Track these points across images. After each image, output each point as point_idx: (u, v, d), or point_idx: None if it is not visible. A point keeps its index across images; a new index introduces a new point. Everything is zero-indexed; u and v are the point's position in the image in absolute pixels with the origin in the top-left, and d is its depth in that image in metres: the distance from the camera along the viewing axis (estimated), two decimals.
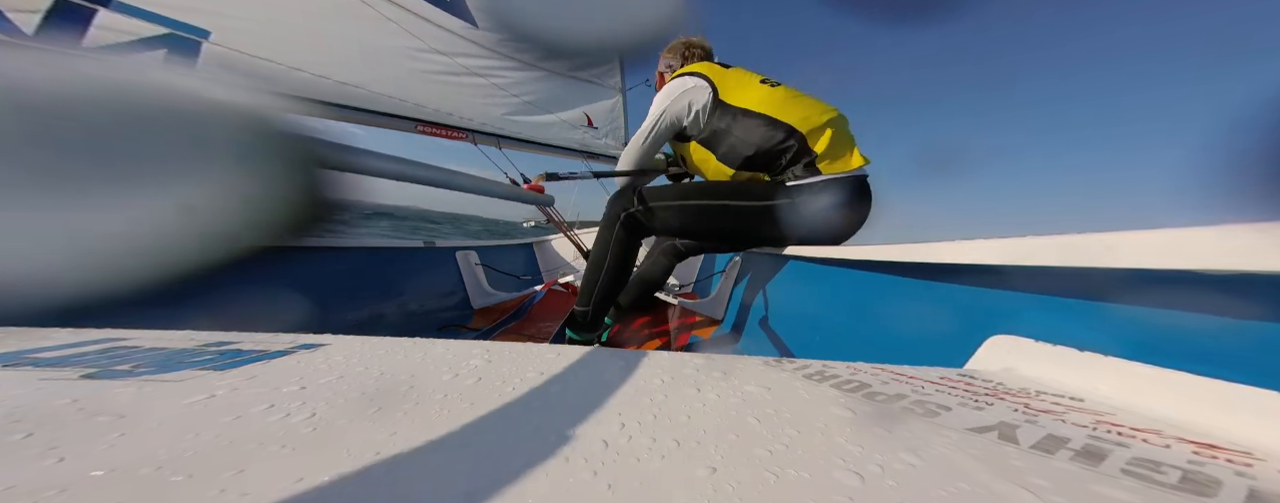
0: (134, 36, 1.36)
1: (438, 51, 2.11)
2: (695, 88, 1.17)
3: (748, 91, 1.15)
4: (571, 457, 0.18)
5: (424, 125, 2.24)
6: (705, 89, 1.16)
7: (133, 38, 1.36)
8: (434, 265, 1.77)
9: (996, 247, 0.42)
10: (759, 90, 1.15)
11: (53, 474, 0.16)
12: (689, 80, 1.18)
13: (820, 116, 1.11)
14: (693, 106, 1.17)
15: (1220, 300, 0.27)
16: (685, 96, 1.17)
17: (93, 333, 0.34)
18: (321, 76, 1.79)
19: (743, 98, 1.14)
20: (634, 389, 0.26)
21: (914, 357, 0.42)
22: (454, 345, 0.34)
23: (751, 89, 1.15)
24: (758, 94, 1.14)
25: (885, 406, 0.25)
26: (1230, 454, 0.20)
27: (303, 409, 0.22)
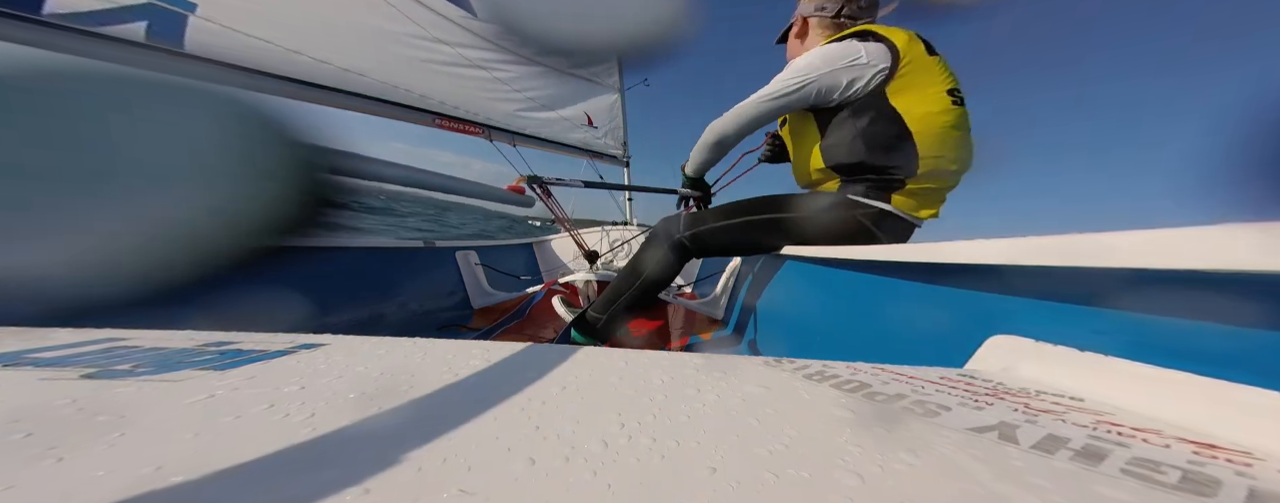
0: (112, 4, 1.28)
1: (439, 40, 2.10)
2: (868, 65, 0.91)
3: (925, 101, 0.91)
4: (571, 457, 0.18)
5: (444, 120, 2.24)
6: (881, 70, 0.91)
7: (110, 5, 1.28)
8: (434, 265, 1.77)
9: (996, 247, 0.42)
10: (938, 103, 0.91)
11: (53, 474, 0.16)
12: (864, 50, 0.92)
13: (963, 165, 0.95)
14: (854, 85, 0.92)
15: (1220, 300, 0.27)
16: (851, 70, 0.92)
17: (93, 333, 0.34)
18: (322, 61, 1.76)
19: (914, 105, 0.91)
20: (634, 389, 0.26)
21: (914, 357, 0.42)
22: (454, 345, 0.34)
23: (932, 100, 0.92)
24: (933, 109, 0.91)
25: (885, 406, 0.25)
26: (1230, 454, 0.20)
27: (303, 409, 0.22)
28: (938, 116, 0.91)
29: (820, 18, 1.11)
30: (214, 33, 1.50)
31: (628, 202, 3.59)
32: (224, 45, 1.52)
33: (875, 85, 0.92)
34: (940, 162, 0.92)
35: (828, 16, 1.10)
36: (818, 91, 0.94)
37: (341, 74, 1.81)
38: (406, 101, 2.07)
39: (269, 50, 1.62)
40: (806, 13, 1.12)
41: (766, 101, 0.98)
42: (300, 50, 1.69)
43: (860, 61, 0.92)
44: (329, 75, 1.79)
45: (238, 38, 1.55)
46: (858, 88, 0.93)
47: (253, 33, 1.58)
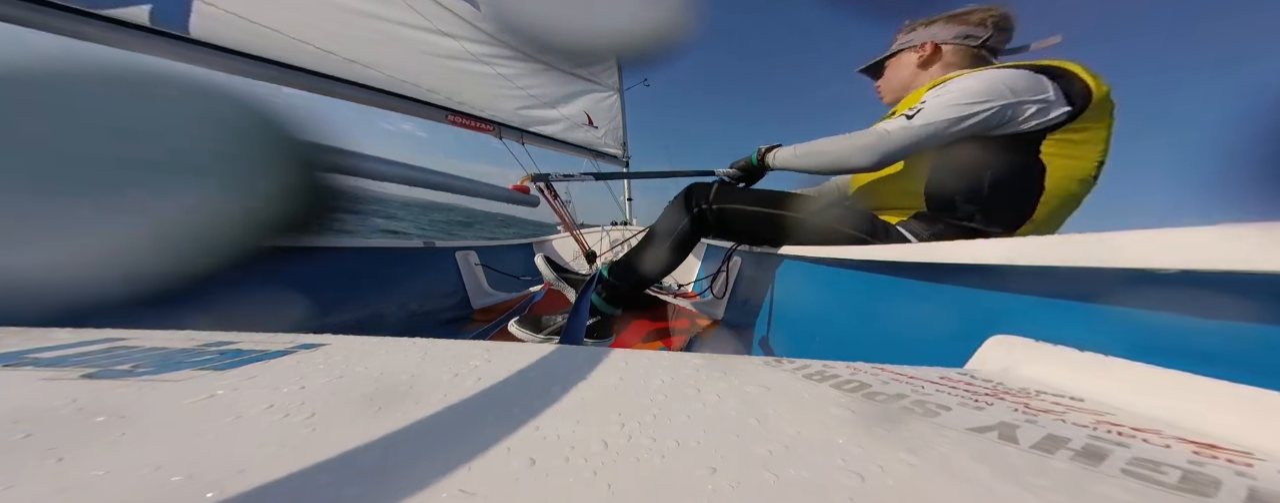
0: None
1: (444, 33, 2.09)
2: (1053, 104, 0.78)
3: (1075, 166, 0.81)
4: (571, 457, 0.18)
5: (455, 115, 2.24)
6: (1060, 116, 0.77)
7: None
8: (434, 265, 1.77)
9: (996, 247, 0.42)
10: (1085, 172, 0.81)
11: (52, 474, 0.16)
12: (1052, 88, 0.78)
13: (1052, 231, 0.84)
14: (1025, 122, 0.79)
15: (1220, 300, 0.27)
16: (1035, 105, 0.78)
17: (93, 333, 0.34)
18: (328, 51, 1.75)
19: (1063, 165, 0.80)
20: (634, 389, 0.26)
21: (914, 357, 0.42)
22: (454, 345, 0.34)
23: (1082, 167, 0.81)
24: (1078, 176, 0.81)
25: (885, 406, 0.25)
26: (1230, 454, 0.20)
27: (303, 409, 0.22)
28: (1077, 185, 0.81)
29: (961, 46, 0.99)
30: (219, 19, 1.49)
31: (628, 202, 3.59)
32: (229, 32, 1.51)
33: (1041, 129, 0.79)
34: (1039, 229, 0.83)
35: (972, 46, 0.98)
36: (996, 120, 0.80)
37: (347, 65, 1.81)
38: (416, 95, 2.06)
39: (275, 38, 1.62)
40: (943, 38, 1.00)
41: (933, 126, 0.81)
42: (306, 39, 1.69)
43: (1047, 99, 0.78)
44: (335, 66, 1.78)
45: (243, 24, 1.54)
46: (1026, 126, 0.80)
47: (258, 20, 1.57)
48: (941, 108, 0.82)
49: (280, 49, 1.63)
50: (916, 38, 1.04)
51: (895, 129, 0.84)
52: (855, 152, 0.88)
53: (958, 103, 0.81)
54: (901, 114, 0.86)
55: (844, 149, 0.90)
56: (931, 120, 0.82)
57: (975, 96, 0.80)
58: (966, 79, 0.84)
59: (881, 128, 0.86)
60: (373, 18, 1.88)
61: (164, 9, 1.38)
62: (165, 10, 1.38)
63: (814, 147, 0.97)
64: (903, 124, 0.84)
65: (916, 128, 0.83)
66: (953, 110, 0.81)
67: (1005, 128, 0.81)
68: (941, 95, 0.83)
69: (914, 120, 0.83)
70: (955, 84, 0.84)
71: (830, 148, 0.93)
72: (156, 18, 1.37)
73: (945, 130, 0.81)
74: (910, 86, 1.05)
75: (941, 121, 0.81)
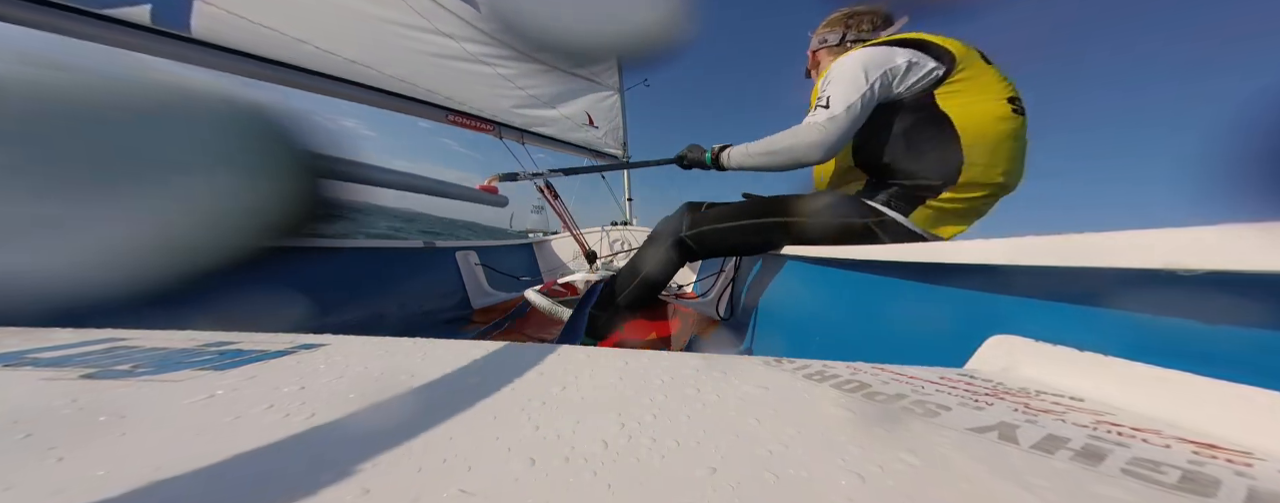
0: None
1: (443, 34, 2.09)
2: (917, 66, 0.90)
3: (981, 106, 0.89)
4: (571, 457, 0.18)
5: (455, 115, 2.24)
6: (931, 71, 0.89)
7: None
8: (434, 265, 1.77)
9: (996, 247, 0.42)
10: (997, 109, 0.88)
11: (53, 474, 0.16)
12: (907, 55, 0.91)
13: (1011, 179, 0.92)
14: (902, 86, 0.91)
15: (1220, 300, 0.27)
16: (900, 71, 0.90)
17: (93, 333, 0.34)
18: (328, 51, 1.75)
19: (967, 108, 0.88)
20: (634, 389, 0.26)
21: (914, 357, 0.42)
22: (454, 345, 0.34)
23: (989, 105, 0.89)
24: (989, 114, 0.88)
25: (885, 406, 0.25)
26: (1230, 454, 0.20)
27: (303, 409, 0.22)
28: (994, 123, 0.88)
29: (827, 48, 1.14)
30: (220, 19, 1.49)
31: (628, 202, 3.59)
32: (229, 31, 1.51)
33: (922, 87, 0.90)
34: (987, 171, 0.88)
35: (833, 45, 1.13)
36: (882, 88, 0.91)
37: (348, 65, 1.81)
38: (416, 95, 2.06)
39: (275, 38, 1.62)
40: (815, 47, 1.16)
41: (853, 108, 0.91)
42: (307, 39, 1.68)
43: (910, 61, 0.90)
44: (336, 66, 1.78)
45: (244, 24, 1.54)
46: (904, 90, 0.91)
47: (259, 20, 1.57)
48: (844, 93, 0.92)
49: (281, 49, 1.63)
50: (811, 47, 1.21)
51: (824, 120, 0.93)
52: (807, 149, 0.96)
53: (851, 82, 0.92)
54: (817, 107, 0.96)
55: (794, 147, 0.98)
56: (848, 103, 0.92)
57: (861, 71, 0.92)
58: (843, 63, 0.95)
59: (814, 122, 0.95)
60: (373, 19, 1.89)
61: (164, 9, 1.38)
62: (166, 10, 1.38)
63: (765, 146, 1.04)
64: (829, 115, 0.93)
65: (840, 114, 0.92)
66: (853, 89, 0.91)
67: (893, 92, 0.92)
68: (833, 84, 0.94)
69: (834, 108, 0.93)
70: (833, 73, 0.96)
71: (781, 146, 1.01)
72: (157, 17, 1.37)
73: (863, 107, 0.92)
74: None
75: (856, 101, 0.91)
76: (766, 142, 1.04)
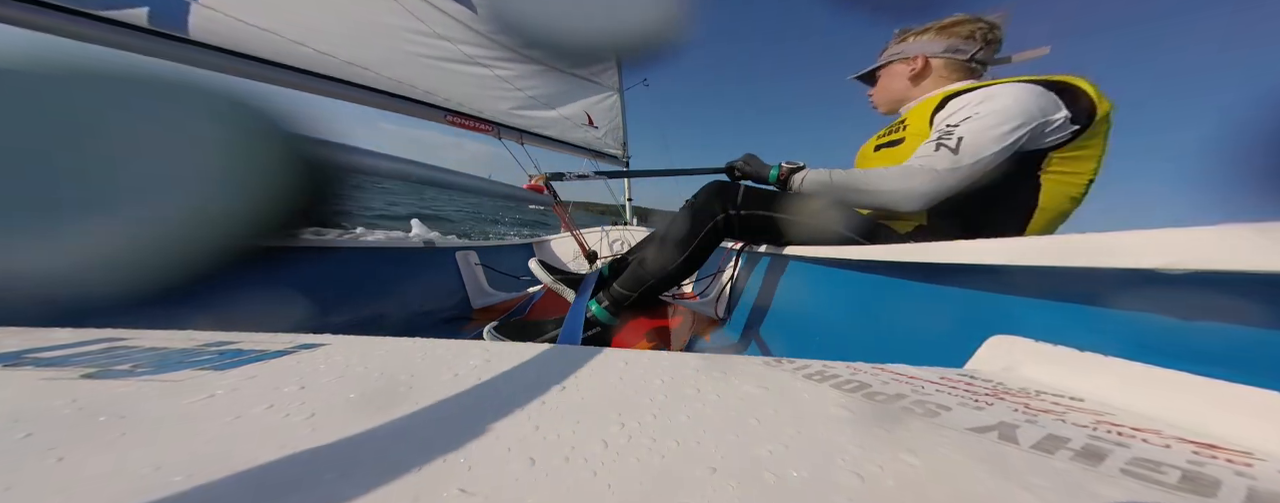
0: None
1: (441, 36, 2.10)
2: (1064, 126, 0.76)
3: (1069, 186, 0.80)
4: (571, 457, 0.18)
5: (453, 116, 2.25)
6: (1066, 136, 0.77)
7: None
8: (434, 265, 1.77)
9: (996, 247, 0.42)
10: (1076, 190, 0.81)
11: (53, 474, 0.16)
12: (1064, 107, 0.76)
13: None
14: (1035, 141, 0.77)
15: (1220, 300, 0.27)
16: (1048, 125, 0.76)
17: (93, 333, 0.34)
18: (326, 53, 1.75)
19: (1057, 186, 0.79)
20: (633, 389, 0.26)
21: (914, 357, 0.42)
22: (454, 345, 0.34)
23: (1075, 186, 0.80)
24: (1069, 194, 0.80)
25: (885, 406, 0.25)
26: (1230, 454, 0.20)
27: (303, 409, 0.22)
28: (1068, 203, 0.81)
29: (951, 59, 0.99)
30: (217, 20, 1.50)
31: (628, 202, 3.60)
32: (227, 33, 1.52)
33: (1049, 148, 0.78)
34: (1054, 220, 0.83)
35: (962, 60, 0.98)
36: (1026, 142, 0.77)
37: (345, 67, 1.82)
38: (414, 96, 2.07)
39: (272, 40, 1.62)
40: (933, 52, 0.99)
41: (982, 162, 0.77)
42: (303, 42, 1.69)
43: (1064, 117, 0.76)
44: (333, 67, 1.79)
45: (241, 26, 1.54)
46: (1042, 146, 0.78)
47: (256, 22, 1.58)
48: (987, 139, 0.77)
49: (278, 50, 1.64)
50: (908, 49, 1.03)
51: (945, 169, 0.79)
52: (906, 198, 0.82)
53: (1000, 129, 0.77)
54: (939, 144, 0.81)
55: (890, 190, 0.84)
56: (981, 155, 0.77)
57: (1013, 120, 0.77)
58: (998, 99, 0.79)
59: (931, 168, 0.80)
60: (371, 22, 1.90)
61: (162, 10, 1.38)
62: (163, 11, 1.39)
63: (855, 180, 0.90)
64: (954, 163, 0.78)
65: (965, 168, 0.78)
66: (998, 141, 0.77)
67: (1025, 148, 0.78)
68: (978, 120, 0.79)
69: (963, 156, 0.78)
70: (988, 106, 0.79)
71: (875, 186, 0.86)
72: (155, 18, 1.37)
73: (993, 163, 0.77)
74: (904, 99, 1.06)
75: (990, 156, 0.77)
76: (860, 175, 0.89)
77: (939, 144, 0.81)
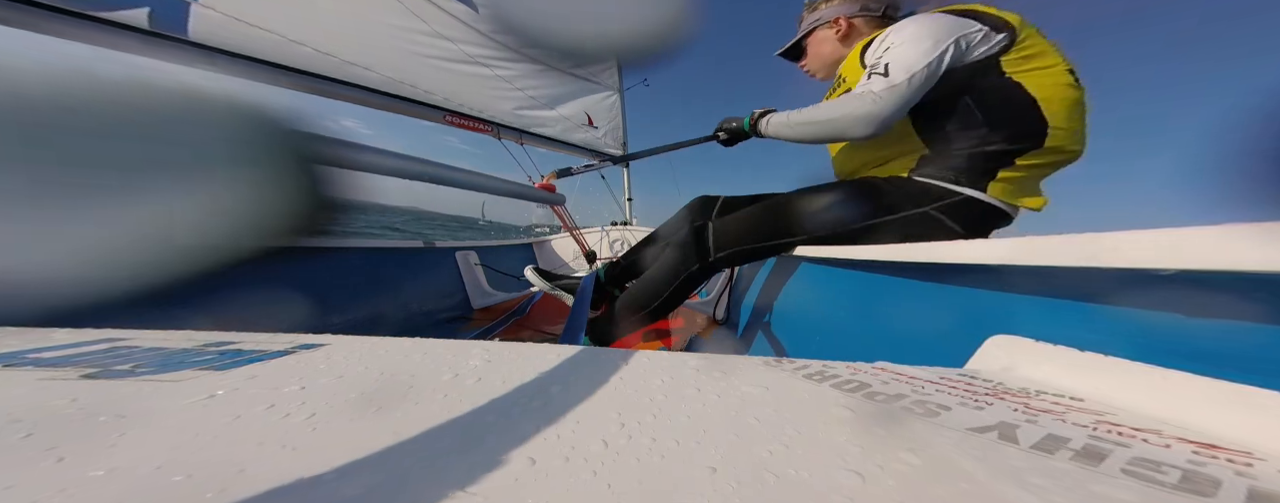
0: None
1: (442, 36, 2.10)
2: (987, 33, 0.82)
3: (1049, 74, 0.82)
4: (571, 457, 0.18)
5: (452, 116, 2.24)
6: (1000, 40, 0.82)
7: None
8: (434, 265, 1.77)
9: (996, 247, 0.42)
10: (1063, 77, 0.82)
11: (52, 474, 0.16)
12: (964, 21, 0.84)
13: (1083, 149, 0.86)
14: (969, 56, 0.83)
15: (1220, 300, 0.27)
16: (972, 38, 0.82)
17: (93, 333, 0.34)
18: (326, 53, 1.76)
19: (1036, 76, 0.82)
20: (634, 389, 0.26)
21: (914, 357, 0.42)
22: (454, 345, 0.34)
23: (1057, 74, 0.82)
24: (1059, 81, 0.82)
25: (885, 406, 0.25)
26: (1230, 454, 0.20)
27: (303, 409, 0.22)
28: (1066, 90, 0.82)
29: (867, 17, 1.08)
30: (217, 21, 1.50)
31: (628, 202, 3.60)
32: (228, 34, 1.52)
33: (990, 55, 0.83)
34: (1070, 137, 0.83)
35: (876, 14, 1.07)
36: (954, 56, 0.82)
37: (345, 67, 1.82)
38: (413, 97, 2.07)
39: (273, 41, 1.62)
40: (849, 13, 1.08)
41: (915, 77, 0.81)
42: (304, 42, 1.69)
43: (983, 29, 0.82)
44: (333, 67, 1.79)
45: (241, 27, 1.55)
46: (977, 55, 0.83)
47: (256, 23, 1.58)
48: (908, 59, 0.83)
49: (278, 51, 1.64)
50: (824, 14, 1.12)
51: (881, 89, 0.83)
52: (853, 122, 0.87)
53: (918, 48, 0.82)
54: (871, 74, 0.87)
55: (839, 119, 0.90)
56: (911, 71, 0.82)
57: (928, 39, 0.83)
58: (907, 28, 0.86)
59: (868, 91, 0.85)
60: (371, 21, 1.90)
61: (162, 12, 1.38)
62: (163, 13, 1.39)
63: (808, 115, 0.96)
64: (887, 83, 0.83)
65: (901, 83, 0.82)
66: (922, 56, 0.82)
67: (961, 61, 0.83)
68: (897, 48, 0.85)
69: (894, 77, 0.83)
70: (900, 35, 0.86)
71: (825, 116, 0.92)
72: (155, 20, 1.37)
73: (926, 78, 0.82)
74: (838, 60, 1.11)
75: (921, 70, 0.82)
76: (811, 110, 0.96)
77: (871, 73, 0.87)
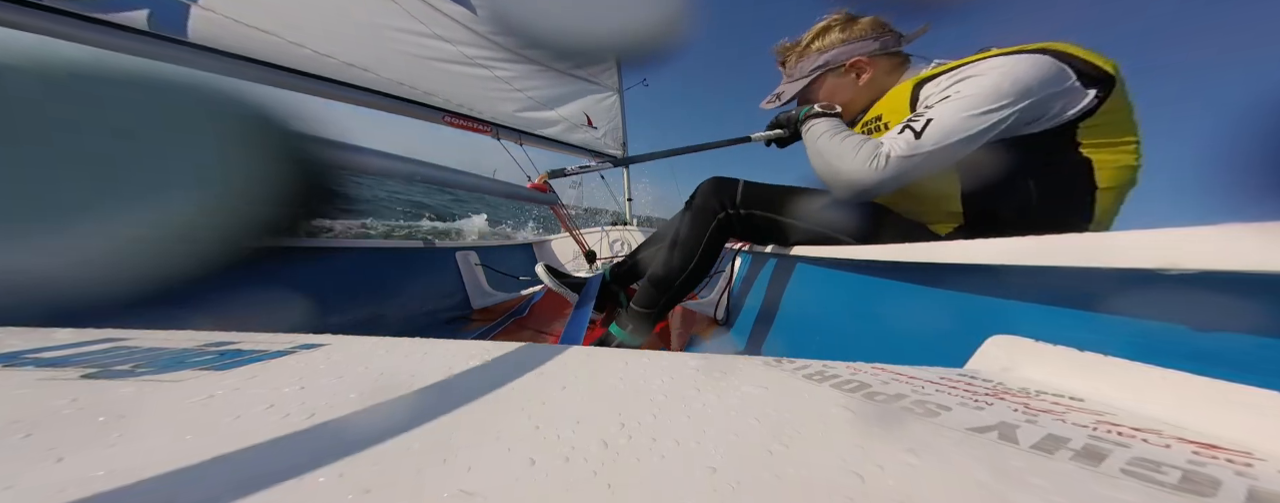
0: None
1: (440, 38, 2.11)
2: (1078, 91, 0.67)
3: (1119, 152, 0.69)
4: (571, 457, 0.18)
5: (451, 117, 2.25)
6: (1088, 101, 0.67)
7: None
8: (434, 265, 1.77)
9: (996, 247, 0.42)
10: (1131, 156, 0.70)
11: (53, 474, 0.16)
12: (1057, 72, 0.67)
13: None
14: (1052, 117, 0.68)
15: (1220, 300, 0.27)
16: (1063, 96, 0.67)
17: (93, 333, 0.34)
18: (325, 55, 1.76)
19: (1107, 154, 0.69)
20: (633, 389, 0.26)
21: (914, 357, 0.42)
22: (454, 346, 0.34)
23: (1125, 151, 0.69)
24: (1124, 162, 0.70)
25: (885, 406, 0.25)
26: (1230, 454, 0.20)
27: (303, 409, 0.22)
28: (1129, 173, 0.70)
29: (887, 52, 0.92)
30: (217, 23, 1.50)
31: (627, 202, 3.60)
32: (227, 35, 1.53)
33: (1068, 121, 0.68)
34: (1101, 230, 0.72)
35: (894, 49, 0.92)
36: (1020, 122, 0.68)
37: (345, 68, 1.83)
38: (412, 97, 2.08)
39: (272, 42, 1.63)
40: (863, 53, 0.92)
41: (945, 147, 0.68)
42: (303, 43, 1.70)
43: (1072, 86, 0.66)
44: (332, 69, 1.80)
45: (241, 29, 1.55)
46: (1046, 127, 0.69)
47: (256, 24, 1.58)
48: (956, 121, 0.68)
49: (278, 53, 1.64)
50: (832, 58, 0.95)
51: (899, 155, 0.71)
52: (839, 179, 0.77)
53: (975, 111, 0.67)
54: (907, 126, 0.73)
55: (840, 170, 0.78)
56: (946, 138, 0.68)
57: (995, 99, 0.67)
58: (984, 77, 0.69)
59: (881, 152, 0.73)
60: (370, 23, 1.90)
61: (162, 13, 1.39)
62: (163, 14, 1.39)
63: (829, 144, 0.83)
64: (911, 148, 0.70)
65: (923, 154, 0.70)
66: (969, 122, 0.67)
67: (1031, 127, 0.69)
68: (952, 99, 0.70)
69: (923, 139, 0.70)
70: (968, 87, 0.70)
71: (832, 154, 0.80)
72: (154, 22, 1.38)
73: (960, 150, 0.69)
74: (866, 102, 0.96)
75: (957, 140, 0.68)
76: (838, 140, 0.81)
77: (906, 125, 0.74)
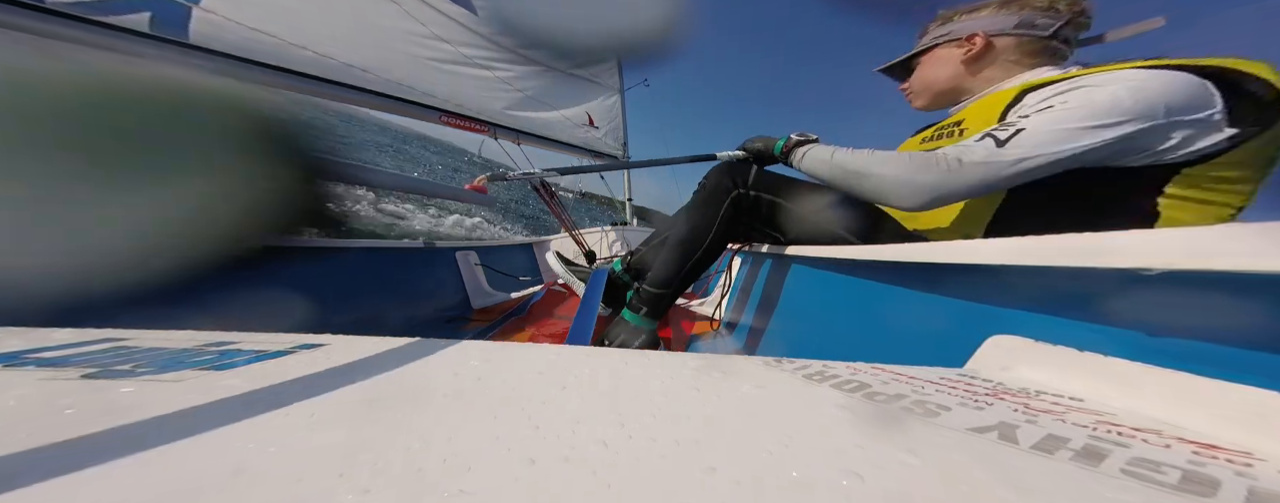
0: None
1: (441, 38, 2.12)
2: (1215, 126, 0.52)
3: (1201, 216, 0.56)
4: (571, 457, 0.18)
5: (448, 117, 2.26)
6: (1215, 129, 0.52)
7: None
8: (434, 265, 1.77)
9: (996, 247, 0.42)
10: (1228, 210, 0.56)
11: (52, 474, 0.16)
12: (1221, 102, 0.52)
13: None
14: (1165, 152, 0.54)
15: (1220, 300, 0.27)
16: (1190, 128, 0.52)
17: (93, 333, 0.34)
18: (325, 56, 1.77)
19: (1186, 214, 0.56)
20: (633, 389, 0.26)
21: (914, 357, 0.42)
22: (454, 346, 0.34)
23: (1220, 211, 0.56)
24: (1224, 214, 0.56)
25: (885, 406, 0.25)
26: (1230, 454, 0.20)
27: (303, 409, 0.22)
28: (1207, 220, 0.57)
29: (1026, 37, 0.73)
30: (218, 25, 1.51)
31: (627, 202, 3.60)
32: (228, 38, 1.54)
33: (1176, 161, 0.54)
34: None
35: (1042, 37, 0.73)
36: (1126, 149, 0.55)
37: (345, 69, 1.84)
38: (411, 98, 2.08)
39: (273, 44, 1.64)
40: (997, 29, 0.74)
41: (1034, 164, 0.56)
42: (304, 45, 1.71)
43: (1210, 118, 0.52)
44: (332, 70, 1.81)
45: (242, 31, 1.56)
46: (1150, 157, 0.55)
47: (256, 26, 1.59)
48: (1053, 133, 0.56)
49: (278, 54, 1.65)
50: (958, 28, 0.80)
51: (978, 160, 0.59)
52: (904, 187, 0.65)
53: (1077, 124, 0.55)
54: (988, 134, 0.61)
55: (891, 177, 0.67)
56: (1035, 153, 0.56)
57: (1108, 114, 0.54)
58: (1100, 88, 0.56)
59: (953, 155, 0.61)
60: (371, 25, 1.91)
61: (163, 15, 1.40)
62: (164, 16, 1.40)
63: (856, 162, 0.73)
64: (988, 153, 0.58)
65: (1007, 164, 0.57)
66: (1067, 135, 0.55)
67: (1131, 159, 0.56)
68: (1055, 110, 0.57)
69: (1006, 149, 0.57)
70: (1077, 98, 0.57)
71: (874, 169, 0.70)
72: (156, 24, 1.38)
73: (1047, 168, 0.57)
74: (955, 89, 0.83)
75: (1047, 156, 0.56)
76: (863, 156, 0.73)
77: (988, 134, 0.61)
